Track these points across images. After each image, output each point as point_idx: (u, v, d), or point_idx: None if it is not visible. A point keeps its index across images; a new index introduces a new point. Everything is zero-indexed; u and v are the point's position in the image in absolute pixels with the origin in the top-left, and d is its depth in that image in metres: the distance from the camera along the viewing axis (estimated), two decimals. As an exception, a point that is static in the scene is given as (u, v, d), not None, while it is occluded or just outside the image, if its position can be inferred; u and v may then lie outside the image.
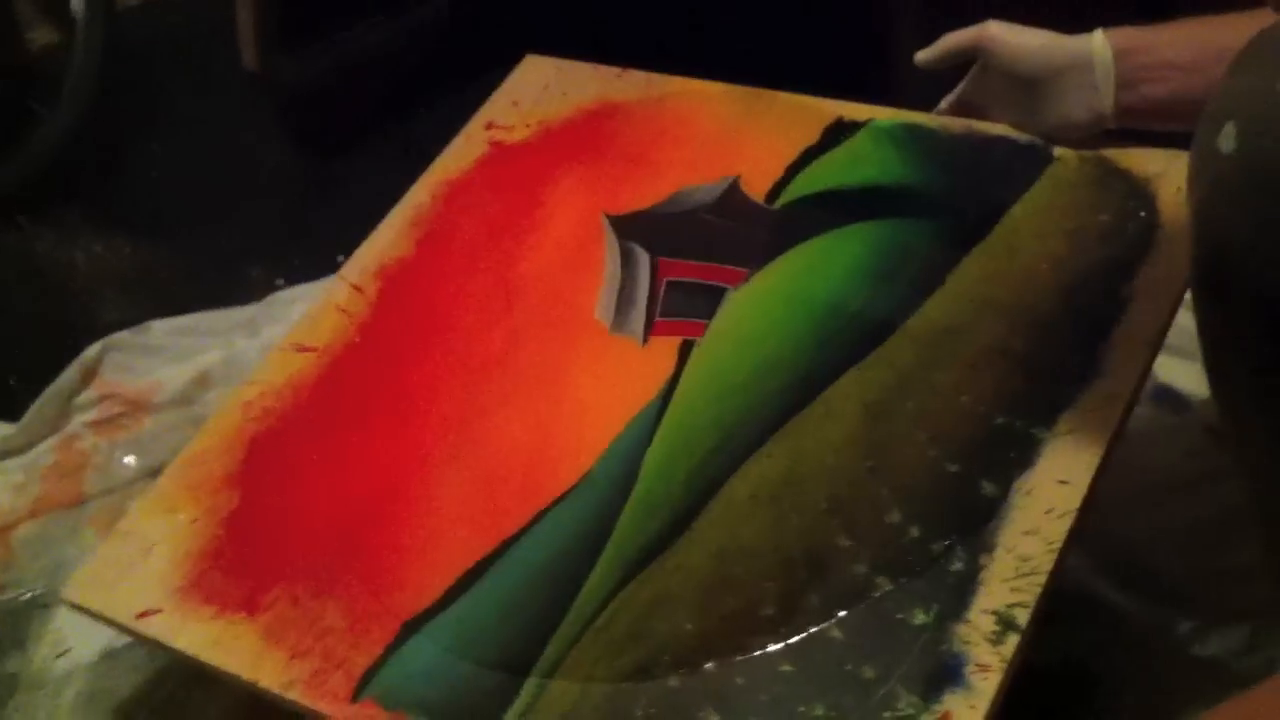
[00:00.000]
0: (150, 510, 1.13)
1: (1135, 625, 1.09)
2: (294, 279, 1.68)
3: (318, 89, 2.15)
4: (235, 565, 1.07)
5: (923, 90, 1.20)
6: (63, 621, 1.27)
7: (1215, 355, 0.84)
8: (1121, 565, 1.12)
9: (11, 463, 1.45)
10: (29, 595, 1.31)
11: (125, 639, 1.19)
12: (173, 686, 1.19)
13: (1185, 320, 0.91)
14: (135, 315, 1.63)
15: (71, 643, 1.25)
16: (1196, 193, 0.80)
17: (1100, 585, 1.11)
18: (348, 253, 1.27)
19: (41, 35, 2.25)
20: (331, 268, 1.56)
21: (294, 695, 0.98)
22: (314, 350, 1.20)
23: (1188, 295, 0.90)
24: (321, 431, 1.15)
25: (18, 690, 1.23)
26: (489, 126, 1.32)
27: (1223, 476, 1.11)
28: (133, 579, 1.08)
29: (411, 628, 0.99)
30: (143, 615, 1.05)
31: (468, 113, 1.33)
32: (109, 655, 1.23)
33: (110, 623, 1.08)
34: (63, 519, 1.38)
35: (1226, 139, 0.76)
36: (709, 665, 0.91)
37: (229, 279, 1.73)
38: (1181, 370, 1.22)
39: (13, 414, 1.50)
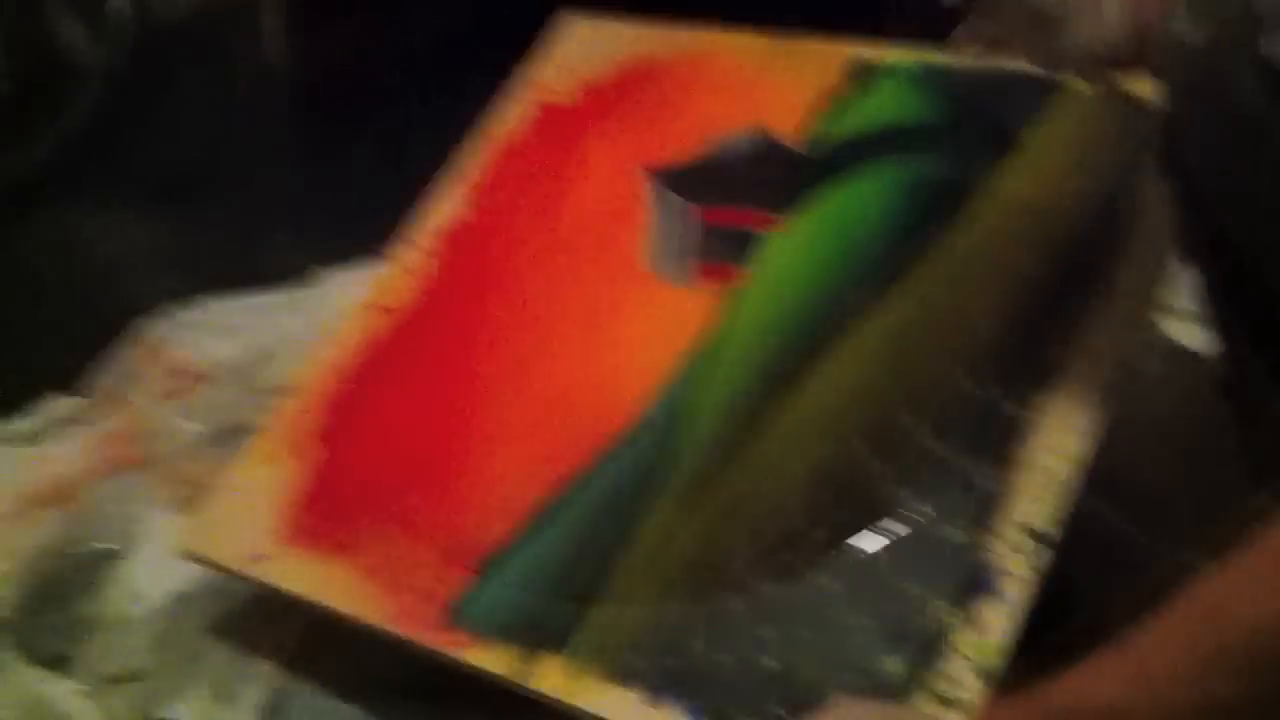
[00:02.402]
0: (250, 464, 1.24)
1: (1132, 549, 1.13)
2: (328, 262, 1.73)
3: (338, 74, 2.21)
4: (331, 511, 1.18)
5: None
6: (134, 570, 1.34)
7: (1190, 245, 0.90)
8: (1129, 501, 1.15)
9: (76, 427, 1.53)
10: (101, 547, 1.37)
11: (193, 583, 1.28)
12: (241, 621, 1.26)
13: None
14: (178, 294, 1.69)
15: (142, 587, 1.32)
16: (1163, 84, 0.86)
17: (1097, 504, 1.13)
18: (376, 237, 1.36)
19: (74, 33, 2.32)
20: (364, 253, 1.63)
21: (394, 627, 1.09)
22: (387, 309, 1.29)
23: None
24: (397, 383, 1.25)
25: (95, 630, 1.30)
26: (534, 89, 1.39)
27: (1225, 424, 1.16)
28: (239, 528, 1.19)
29: (490, 562, 1.09)
30: (253, 561, 1.17)
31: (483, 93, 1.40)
32: (181, 598, 1.29)
33: (222, 569, 1.19)
34: (130, 479, 1.44)
35: (1192, 31, 0.82)
36: (764, 586, 1.01)
37: (263, 260, 1.78)
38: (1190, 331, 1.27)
39: (71, 388, 1.59)
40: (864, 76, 1.26)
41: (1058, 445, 0.99)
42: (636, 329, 1.19)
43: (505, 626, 1.05)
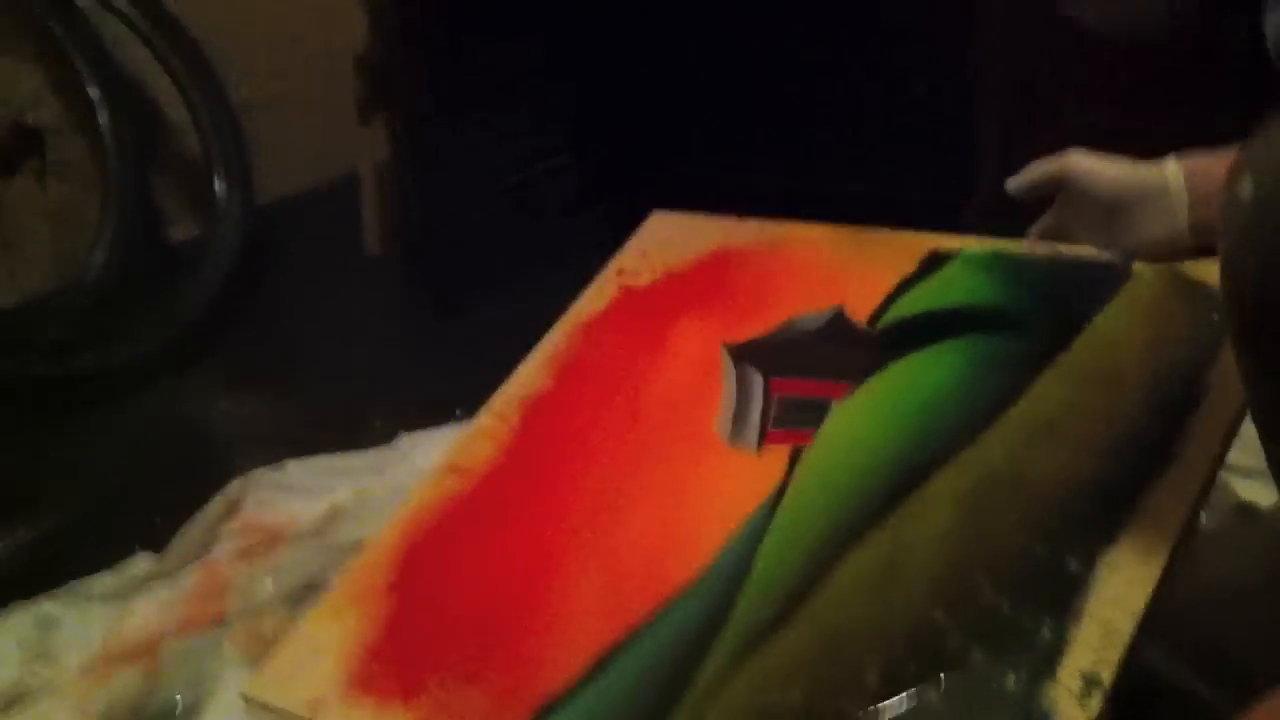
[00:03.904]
0: (320, 617, 1.25)
1: (1219, 712, 1.12)
2: (413, 430, 1.81)
3: (435, 262, 2.35)
4: (393, 660, 1.18)
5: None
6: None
7: (1258, 398, 0.90)
8: (1203, 658, 1.15)
9: (158, 584, 1.56)
10: (175, 704, 1.40)
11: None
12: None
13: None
14: (270, 460, 1.78)
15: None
16: (1223, 241, 0.88)
17: (1185, 677, 1.14)
18: (463, 406, 1.40)
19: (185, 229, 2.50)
20: (446, 419, 1.69)
21: None
22: (464, 471, 1.33)
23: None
24: (469, 540, 1.27)
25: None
26: (619, 273, 1.45)
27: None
28: (304, 676, 1.20)
29: (547, 710, 1.09)
30: (312, 707, 1.17)
31: (573, 280, 1.47)
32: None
33: (284, 715, 1.19)
34: (206, 635, 1.47)
35: (1245, 189, 0.85)
36: None
37: (355, 431, 1.87)
38: (1256, 488, 1.28)
39: (157, 548, 1.65)
40: (938, 263, 1.30)
41: (1120, 599, 0.98)
42: (706, 492, 1.21)
43: None
